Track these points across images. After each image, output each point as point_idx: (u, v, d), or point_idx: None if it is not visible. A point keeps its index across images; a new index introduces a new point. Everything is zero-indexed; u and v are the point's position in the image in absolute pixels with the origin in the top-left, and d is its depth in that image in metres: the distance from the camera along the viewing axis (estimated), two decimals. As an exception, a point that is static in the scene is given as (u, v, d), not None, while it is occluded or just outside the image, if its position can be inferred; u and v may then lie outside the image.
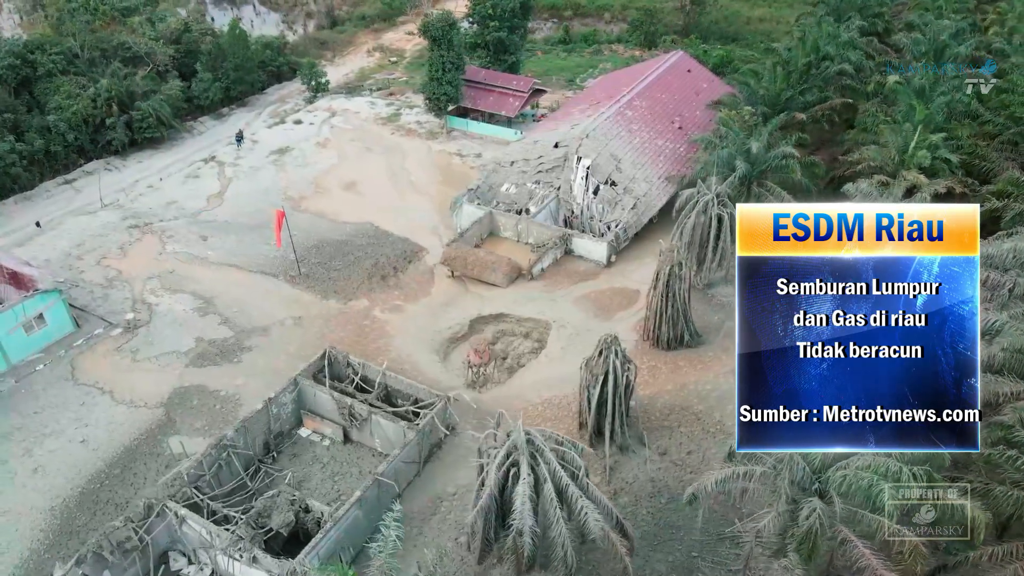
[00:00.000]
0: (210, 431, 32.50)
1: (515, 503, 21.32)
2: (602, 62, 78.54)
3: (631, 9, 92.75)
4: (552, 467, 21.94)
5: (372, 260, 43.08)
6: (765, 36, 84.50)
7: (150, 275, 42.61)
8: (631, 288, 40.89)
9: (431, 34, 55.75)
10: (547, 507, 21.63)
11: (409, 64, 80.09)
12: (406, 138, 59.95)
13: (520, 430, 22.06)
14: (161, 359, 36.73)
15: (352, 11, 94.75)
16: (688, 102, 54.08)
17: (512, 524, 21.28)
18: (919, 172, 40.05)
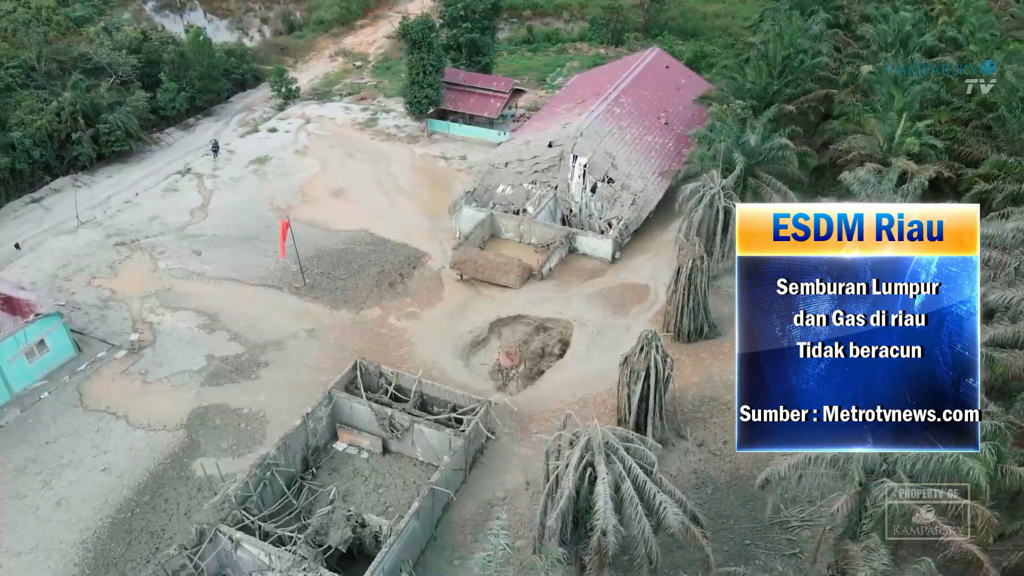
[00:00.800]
0: (238, 451, 31.73)
1: (596, 503, 21.44)
2: (568, 60, 79.14)
3: (589, 7, 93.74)
4: (628, 464, 22.16)
5: (377, 268, 42.57)
6: (722, 31, 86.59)
7: (146, 293, 41.24)
8: (640, 283, 41.42)
9: (411, 37, 55.29)
10: (626, 505, 21.79)
11: (374, 68, 79.30)
12: (387, 143, 59.34)
13: (597, 429, 22.18)
14: (173, 379, 35.62)
15: (308, 16, 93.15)
16: (670, 98, 54.98)
17: (596, 524, 21.35)
18: (908, 158, 41.68)
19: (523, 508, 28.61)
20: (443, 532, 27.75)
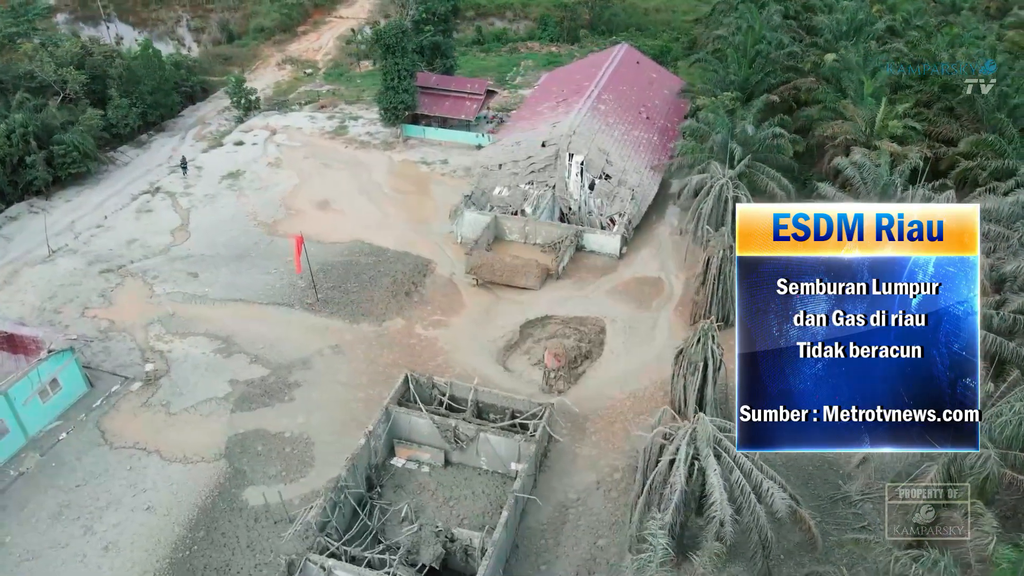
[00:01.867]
0: (289, 476, 30.74)
1: (712, 494, 21.86)
2: (522, 59, 79.54)
3: (531, 7, 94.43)
4: (733, 453, 22.65)
5: (389, 278, 41.86)
6: (664, 25, 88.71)
7: (148, 321, 39.33)
8: (652, 277, 42.18)
9: (384, 42, 54.46)
10: (737, 493, 22.29)
11: (326, 75, 77.71)
12: (362, 151, 58.29)
13: (705, 421, 22.59)
14: (200, 408, 34.15)
15: (246, 24, 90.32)
16: (647, 92, 56.06)
17: (714, 515, 21.75)
18: (891, 141, 43.84)
19: (599, 507, 28.83)
20: (523, 539, 27.67)
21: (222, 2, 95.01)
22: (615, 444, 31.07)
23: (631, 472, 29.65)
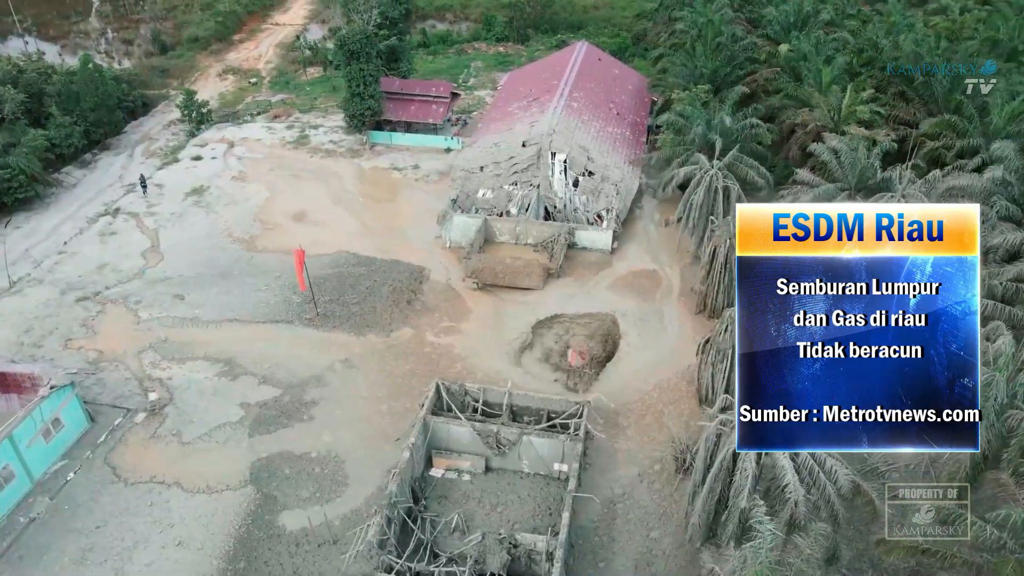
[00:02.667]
0: (325, 497, 29.96)
1: (785, 476, 22.43)
2: (472, 61, 79.42)
3: (471, 7, 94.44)
4: (796, 435, 23.28)
5: (387, 287, 41.20)
6: (606, 22, 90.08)
7: (140, 348, 37.58)
8: (648, 269, 42.90)
9: (349, 48, 53.44)
10: (804, 474, 22.96)
11: (272, 83, 75.70)
12: (329, 160, 57.12)
13: (771, 407, 23.12)
14: (215, 435, 32.88)
15: (178, 34, 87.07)
16: (612, 88, 56.86)
17: (789, 497, 22.34)
18: (858, 125, 45.83)
19: (645, 500, 29.20)
20: (578, 538, 27.75)
21: (149, 12, 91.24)
22: (650, 436, 31.52)
23: (671, 463, 30.22)
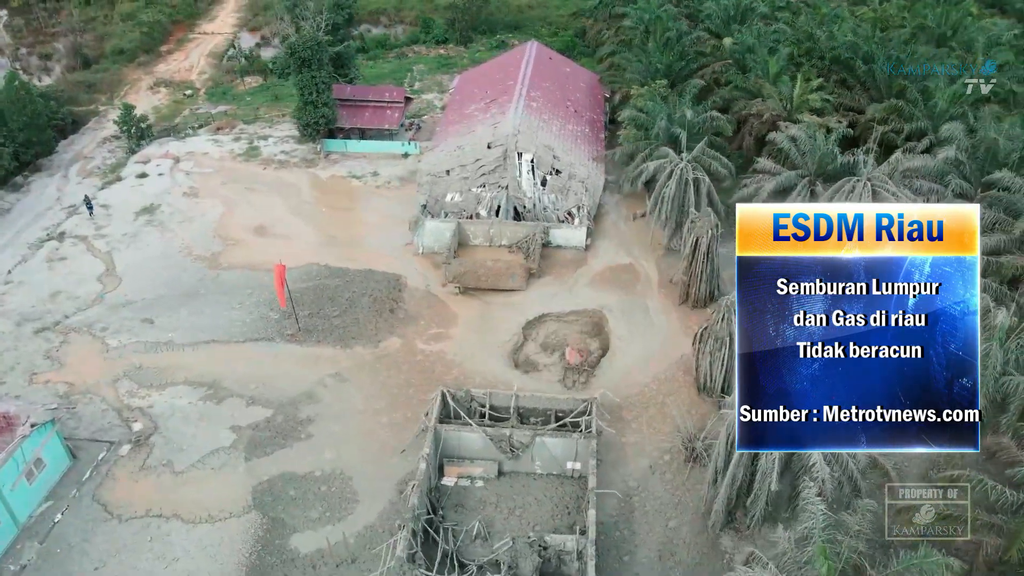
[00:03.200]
0: (336, 516, 29.27)
1: (812, 456, 23.10)
2: (414, 65, 78.67)
3: (405, 10, 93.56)
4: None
5: (368, 297, 40.47)
6: (542, 21, 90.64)
7: (114, 378, 35.88)
8: (624, 263, 43.45)
9: (300, 56, 52.16)
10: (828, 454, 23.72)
11: (208, 95, 73.28)
12: (284, 171, 55.66)
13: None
14: (209, 462, 31.68)
15: (101, 47, 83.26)
16: (567, 87, 57.31)
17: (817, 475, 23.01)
18: (811, 113, 47.53)
19: (659, 491, 29.60)
20: (599, 534, 27.73)
21: (66, 25, 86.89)
22: (656, 428, 31.95)
23: (679, 453, 30.70)
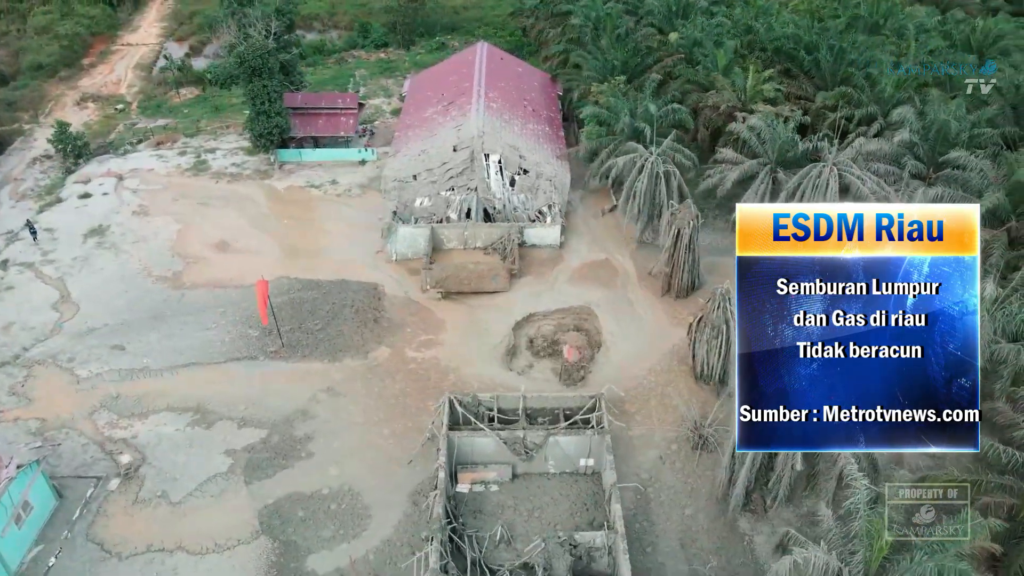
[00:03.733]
0: (349, 533, 28.64)
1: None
2: (355, 70, 77.47)
3: (338, 15, 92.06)
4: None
5: (349, 308, 39.65)
6: (479, 22, 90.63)
7: (91, 410, 34.12)
8: (600, 259, 43.88)
9: (249, 65, 50.60)
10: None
11: (141, 108, 70.43)
12: (237, 184, 53.97)
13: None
14: (207, 489, 30.49)
15: (16, 62, 78.84)
16: (521, 86, 57.40)
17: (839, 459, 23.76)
18: (764, 103, 49.01)
19: (671, 481, 30.04)
20: (619, 526, 28.08)
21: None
22: (660, 418, 32.39)
23: (686, 442, 31.21)
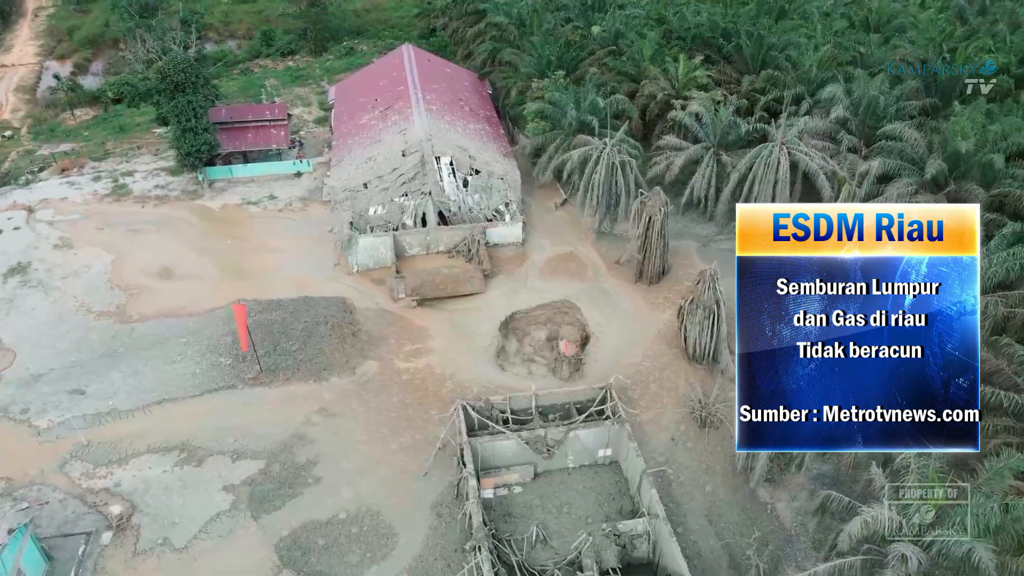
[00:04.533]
0: (378, 555, 27.75)
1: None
2: (264, 79, 74.72)
3: (233, 24, 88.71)
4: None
5: (325, 324, 38.20)
6: (383, 24, 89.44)
7: (60, 463, 31.42)
8: (565, 252, 44.30)
9: (173, 80, 47.79)
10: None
11: (34, 133, 65.47)
12: (166, 207, 50.95)
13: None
14: (212, 530, 28.74)
15: None
16: (453, 87, 57.03)
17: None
18: (698, 89, 50.76)
19: (687, 460, 30.73)
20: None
21: None
22: (663, 401, 33.03)
23: (692, 421, 32.01)
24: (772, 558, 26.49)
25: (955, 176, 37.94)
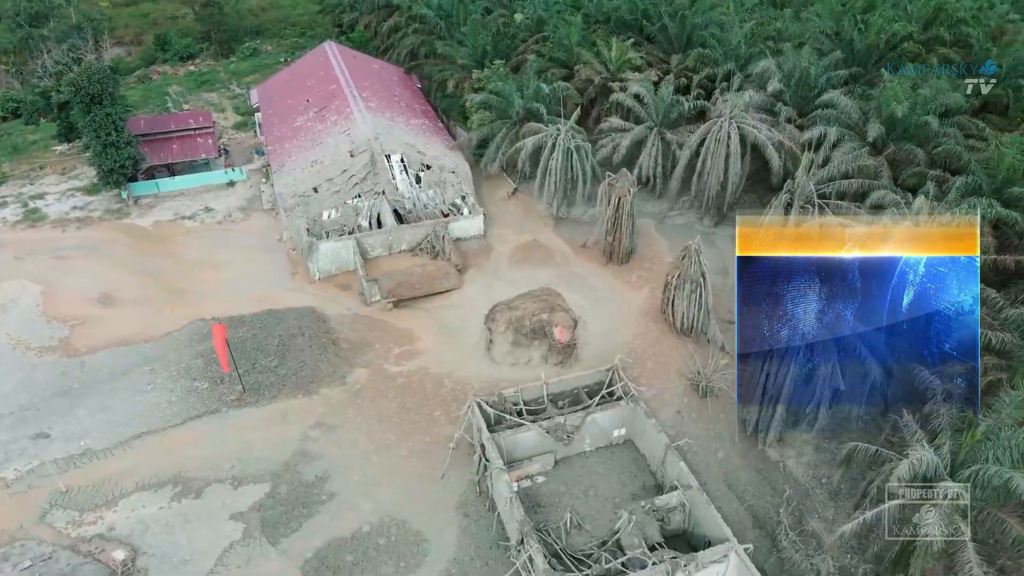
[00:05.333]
0: (412, 562, 27.10)
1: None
2: (168, 86, 70.62)
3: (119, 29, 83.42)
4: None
5: (303, 336, 36.73)
6: (283, 23, 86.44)
7: (40, 513, 28.90)
8: (528, 240, 44.40)
9: (87, 92, 44.31)
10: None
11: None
12: (90, 229, 47.50)
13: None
14: (228, 560, 27.22)
15: None
16: (384, 82, 55.74)
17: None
18: (632, 71, 51.76)
19: (696, 431, 31.32)
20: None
21: None
22: (662, 376, 33.64)
23: (693, 392, 32.81)
24: (795, 512, 27.54)
25: (892, 138, 40.35)
